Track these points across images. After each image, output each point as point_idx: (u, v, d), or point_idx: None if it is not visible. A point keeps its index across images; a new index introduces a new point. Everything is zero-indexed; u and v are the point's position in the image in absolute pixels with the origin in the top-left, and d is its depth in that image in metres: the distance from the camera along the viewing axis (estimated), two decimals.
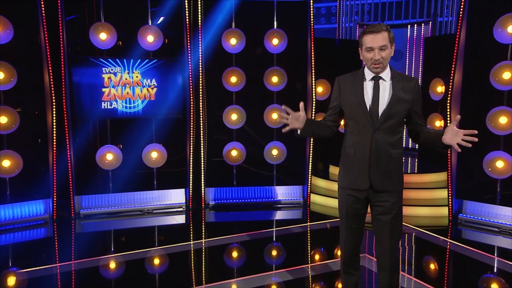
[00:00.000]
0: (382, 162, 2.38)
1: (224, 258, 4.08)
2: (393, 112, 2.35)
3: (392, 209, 2.41)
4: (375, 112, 2.36)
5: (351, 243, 2.54)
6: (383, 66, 2.34)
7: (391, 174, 2.40)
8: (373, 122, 2.36)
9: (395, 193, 2.43)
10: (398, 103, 2.34)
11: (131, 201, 5.45)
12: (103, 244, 4.49)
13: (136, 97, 5.26)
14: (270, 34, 5.44)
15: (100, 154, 5.24)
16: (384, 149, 2.37)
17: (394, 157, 2.39)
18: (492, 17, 4.50)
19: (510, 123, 4.48)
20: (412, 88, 2.38)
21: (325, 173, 6.45)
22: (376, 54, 2.30)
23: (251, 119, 5.59)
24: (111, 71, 5.13)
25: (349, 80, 2.46)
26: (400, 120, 2.40)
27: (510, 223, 4.61)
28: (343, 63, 6.96)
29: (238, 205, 5.66)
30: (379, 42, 2.28)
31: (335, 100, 2.52)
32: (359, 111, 2.38)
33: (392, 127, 2.37)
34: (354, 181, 2.45)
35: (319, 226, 4.95)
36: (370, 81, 2.40)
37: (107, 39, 5.06)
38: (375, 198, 2.44)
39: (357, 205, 2.47)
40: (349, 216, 2.50)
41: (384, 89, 2.37)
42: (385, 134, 2.36)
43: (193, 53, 5.32)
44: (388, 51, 2.32)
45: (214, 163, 5.64)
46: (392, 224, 2.42)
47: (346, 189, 2.49)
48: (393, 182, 2.42)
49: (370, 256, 3.90)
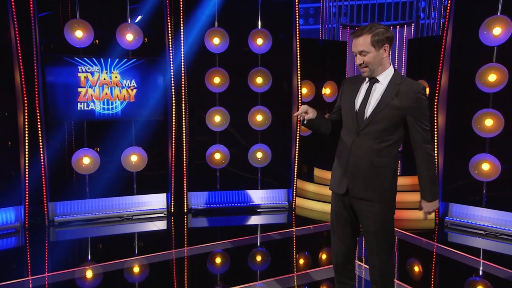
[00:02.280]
0: (360, 168, 2.26)
1: (207, 267, 3.91)
2: (379, 117, 2.22)
3: (376, 220, 2.28)
4: (361, 115, 2.26)
5: (342, 251, 2.44)
6: (370, 70, 2.24)
7: (371, 182, 2.26)
8: (358, 125, 2.26)
9: (379, 204, 2.27)
10: (386, 108, 2.20)
11: (110, 207, 5.21)
12: (79, 254, 4.25)
13: (115, 98, 5.02)
14: (254, 34, 5.30)
15: (76, 158, 4.98)
16: (366, 155, 2.25)
17: (376, 165, 2.24)
18: (478, 19, 4.49)
19: (496, 126, 4.47)
20: (411, 95, 2.20)
21: (310, 176, 6.36)
22: (357, 59, 2.24)
23: (235, 121, 5.44)
24: (88, 70, 4.88)
25: (351, 81, 2.40)
26: (389, 126, 2.22)
27: (496, 225, 4.61)
28: (327, 64, 6.91)
29: (221, 210, 5.49)
30: (358, 47, 2.22)
31: (338, 100, 2.49)
32: (348, 114, 2.32)
33: (378, 133, 2.23)
34: (335, 185, 2.39)
35: (307, 231, 4.84)
36: (366, 84, 2.32)
37: (83, 37, 4.81)
38: (356, 205, 2.34)
39: (344, 210, 2.39)
40: (338, 221, 2.43)
41: (378, 92, 2.26)
42: (369, 140, 2.24)
43: (174, 52, 5.13)
44: (371, 55, 2.20)
45: (197, 166, 5.46)
46: (378, 235, 2.29)
47: (334, 193, 2.44)
48: (374, 191, 2.26)
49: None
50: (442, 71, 4.73)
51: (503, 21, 4.36)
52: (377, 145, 2.24)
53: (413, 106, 2.20)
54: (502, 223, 4.60)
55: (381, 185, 2.27)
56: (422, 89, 2.22)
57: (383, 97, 2.22)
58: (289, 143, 5.57)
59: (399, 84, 2.24)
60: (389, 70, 2.27)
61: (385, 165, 2.26)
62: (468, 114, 4.63)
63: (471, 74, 4.56)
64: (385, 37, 2.21)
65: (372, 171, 2.25)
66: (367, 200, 2.28)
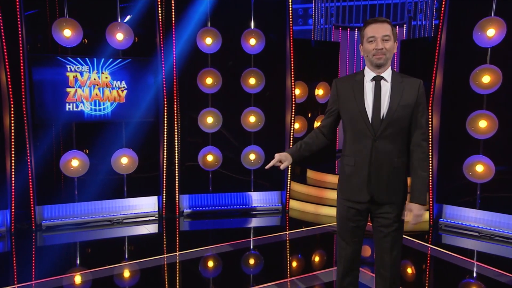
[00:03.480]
0: (383, 173, 2.19)
1: (200, 272, 3.82)
2: (395, 118, 2.15)
3: (395, 222, 2.24)
4: (376, 118, 2.16)
5: (349, 256, 2.36)
6: (386, 59, 2.16)
7: (393, 185, 2.22)
8: (374, 129, 2.17)
9: (398, 205, 2.25)
10: (400, 107, 2.15)
11: (99, 210, 5.08)
12: (67, 260, 4.11)
13: (105, 99, 4.90)
14: (247, 34, 5.23)
15: (64, 160, 4.85)
16: (386, 159, 2.18)
17: (396, 166, 2.20)
18: (472, 21, 4.48)
19: (490, 127, 4.47)
20: (416, 90, 2.18)
21: (303, 178, 6.30)
22: (379, 43, 2.13)
23: (228, 123, 5.36)
24: (77, 69, 4.76)
25: (349, 83, 2.27)
26: (404, 126, 2.19)
27: (490, 227, 4.61)
28: (319, 64, 6.87)
29: (214, 213, 5.40)
30: (383, 32, 2.13)
31: (333, 104, 2.33)
32: (359, 118, 2.19)
33: (394, 134, 2.17)
34: (354, 193, 2.26)
35: (301, 234, 4.77)
36: (370, 82, 2.21)
37: (72, 36, 4.69)
38: (377, 210, 2.26)
39: (357, 217, 2.30)
40: (348, 229, 2.32)
41: (386, 92, 2.18)
42: (387, 142, 2.17)
43: (166, 52, 5.03)
44: (391, 43, 2.16)
45: (189, 168, 5.36)
46: (393, 236, 2.25)
47: (346, 201, 2.31)
48: (396, 193, 2.23)
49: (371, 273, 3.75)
50: (436, 72, 4.71)
51: (496, 23, 4.36)
52: (396, 147, 2.18)
53: (418, 101, 2.19)
54: (496, 225, 4.59)
55: (400, 186, 2.25)
56: (422, 84, 2.23)
57: (392, 97, 2.17)
58: (283, 145, 5.51)
59: (402, 82, 2.20)
60: (390, 68, 2.24)
61: (402, 166, 2.22)
62: (462, 115, 4.62)
63: (465, 76, 4.55)
64: (396, 33, 2.24)
65: (393, 174, 2.21)
66: (389, 204, 2.23)
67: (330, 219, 5.17)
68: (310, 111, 6.75)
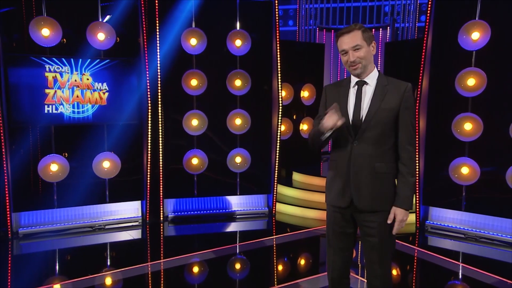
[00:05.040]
0: (363, 178, 2.13)
1: (186, 280, 3.70)
2: (375, 121, 2.12)
3: (380, 231, 2.16)
4: (356, 122, 2.14)
5: (338, 265, 2.30)
6: (363, 67, 2.14)
7: (376, 192, 2.15)
8: (353, 132, 2.14)
9: (384, 213, 2.16)
10: (381, 110, 2.12)
11: (80, 216, 4.90)
12: (46, 269, 3.92)
13: (86, 101, 4.73)
14: (233, 35, 5.14)
15: (43, 165, 4.65)
16: (366, 163, 2.13)
17: (379, 171, 2.13)
18: (457, 24, 4.51)
19: (475, 130, 4.50)
20: (401, 94, 2.14)
21: (288, 181, 6.25)
22: (351, 56, 2.11)
23: (213, 125, 5.25)
24: (57, 70, 4.57)
25: (336, 89, 2.27)
26: (387, 129, 2.14)
27: (475, 229, 4.64)
28: (305, 66, 6.84)
29: (199, 217, 5.29)
30: (351, 43, 2.11)
31: (322, 110, 2.30)
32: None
33: (376, 138, 2.13)
34: (335, 198, 2.23)
35: (289, 239, 4.71)
36: (354, 88, 2.20)
37: (51, 36, 4.51)
38: (360, 217, 2.20)
39: (343, 223, 2.25)
40: (335, 235, 2.27)
41: (368, 96, 2.16)
42: (368, 146, 2.13)
43: (150, 53, 4.89)
44: (364, 50, 2.12)
45: (173, 172, 5.23)
46: (381, 246, 2.18)
47: (331, 206, 2.28)
48: (379, 200, 2.15)
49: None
50: (423, 75, 4.72)
51: (481, 26, 4.40)
52: (376, 150, 2.13)
53: (403, 105, 2.15)
54: (482, 227, 4.63)
55: (386, 193, 2.16)
56: (409, 88, 2.18)
57: (373, 100, 2.14)
58: (269, 147, 5.44)
59: (386, 86, 2.17)
60: (375, 72, 2.21)
61: (387, 171, 2.16)
62: (448, 118, 4.65)
63: (451, 78, 4.58)
64: (372, 34, 2.18)
65: (376, 179, 2.14)
66: (372, 211, 2.16)
67: (318, 223, 5.12)
68: (296, 113, 6.71)
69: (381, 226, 2.16)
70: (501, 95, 4.48)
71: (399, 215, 2.14)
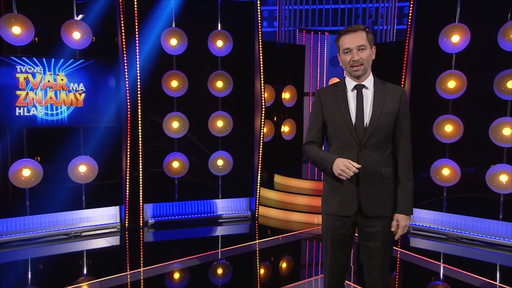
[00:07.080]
0: (373, 184, 2.10)
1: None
2: (379, 126, 2.09)
3: (384, 235, 2.14)
4: (360, 127, 2.09)
5: (336, 273, 2.25)
6: (364, 69, 2.10)
7: (383, 197, 2.13)
8: (359, 138, 2.09)
9: (386, 219, 2.15)
10: (383, 115, 2.09)
11: (54, 223, 4.69)
12: (18, 280, 3.70)
13: (61, 103, 4.52)
14: (214, 36, 5.04)
15: (14, 170, 4.42)
16: (374, 169, 2.09)
17: (384, 177, 2.12)
18: (438, 27, 4.56)
19: (456, 131, 4.56)
20: (398, 98, 2.13)
21: (270, 183, 6.19)
22: (355, 55, 2.07)
23: (194, 127, 5.13)
24: (29, 70, 4.35)
25: (331, 93, 2.19)
26: (388, 135, 2.13)
27: (456, 230, 4.70)
28: (286, 67, 6.79)
29: (180, 222, 5.15)
30: (357, 42, 2.06)
31: (318, 116, 2.21)
32: (344, 128, 2.11)
33: (380, 143, 2.10)
34: (340, 207, 2.16)
35: (273, 243, 4.63)
36: (352, 91, 2.14)
37: (22, 34, 4.29)
38: (363, 222, 2.16)
39: (343, 231, 2.19)
40: (334, 244, 2.21)
41: (368, 100, 2.12)
42: (373, 151, 2.09)
43: (128, 53, 4.72)
44: (368, 52, 2.09)
45: (153, 175, 5.08)
46: (382, 251, 2.15)
47: (331, 215, 2.20)
48: (385, 206, 2.14)
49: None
50: (405, 77, 4.75)
51: (461, 29, 4.46)
52: (380, 156, 2.10)
53: (400, 110, 2.14)
54: (462, 227, 4.70)
55: (389, 198, 2.15)
56: (405, 92, 2.19)
57: (375, 105, 2.11)
58: (251, 150, 5.36)
59: (384, 90, 2.15)
60: (371, 76, 2.18)
61: (391, 176, 2.14)
62: (429, 120, 4.69)
63: (432, 81, 4.62)
64: (373, 38, 2.16)
65: (383, 185, 2.12)
66: (377, 217, 2.13)
67: (301, 226, 5.08)
68: (277, 115, 6.66)
69: (384, 232, 2.15)
70: (481, 97, 4.55)
71: (402, 221, 2.14)
